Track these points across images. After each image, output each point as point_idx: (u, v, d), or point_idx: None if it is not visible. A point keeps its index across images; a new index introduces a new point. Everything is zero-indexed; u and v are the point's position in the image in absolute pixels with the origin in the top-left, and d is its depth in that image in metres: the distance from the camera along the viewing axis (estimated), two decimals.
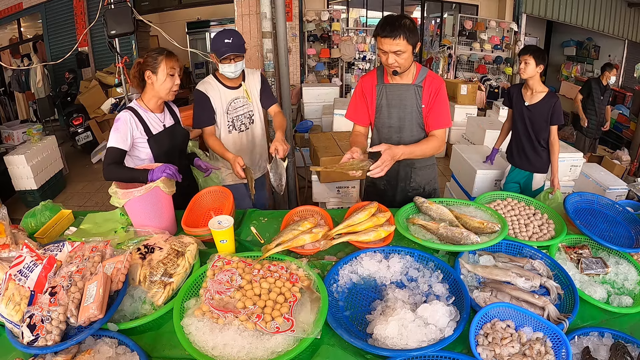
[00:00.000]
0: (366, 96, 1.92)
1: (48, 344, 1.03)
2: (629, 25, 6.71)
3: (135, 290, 1.25)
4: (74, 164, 5.52)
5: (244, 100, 2.21)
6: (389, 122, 1.91)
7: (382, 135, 1.95)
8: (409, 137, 1.91)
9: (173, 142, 1.93)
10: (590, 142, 5.15)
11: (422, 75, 1.85)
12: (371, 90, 1.90)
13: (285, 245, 1.43)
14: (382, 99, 1.89)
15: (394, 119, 1.90)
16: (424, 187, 2.05)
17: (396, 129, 1.91)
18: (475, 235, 1.46)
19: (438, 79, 1.87)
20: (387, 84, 1.87)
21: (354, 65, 7.48)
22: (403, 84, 1.85)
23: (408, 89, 1.85)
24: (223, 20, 9.70)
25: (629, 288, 1.39)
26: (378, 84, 1.89)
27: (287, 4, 5.32)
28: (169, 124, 1.93)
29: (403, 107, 1.87)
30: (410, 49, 1.69)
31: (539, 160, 2.69)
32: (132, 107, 1.81)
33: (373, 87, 1.90)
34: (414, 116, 1.88)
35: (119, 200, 1.52)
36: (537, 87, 2.60)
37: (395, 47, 1.65)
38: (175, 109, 2.03)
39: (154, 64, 1.75)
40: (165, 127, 1.89)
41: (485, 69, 7.62)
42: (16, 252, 1.31)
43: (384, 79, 1.88)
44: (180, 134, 2.00)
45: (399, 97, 1.86)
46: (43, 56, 7.17)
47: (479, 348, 1.07)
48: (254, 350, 1.05)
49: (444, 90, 1.87)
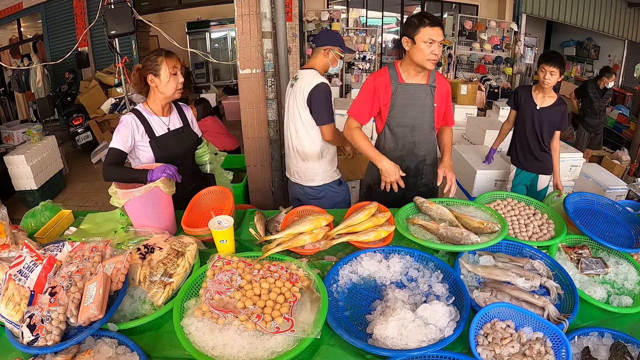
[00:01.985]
0: (378, 95, 1.92)
1: (48, 344, 1.03)
2: (629, 25, 6.71)
3: (135, 290, 1.25)
4: (74, 164, 5.52)
5: None
6: (403, 121, 1.93)
7: (397, 135, 1.96)
8: (422, 135, 1.96)
9: (178, 145, 1.91)
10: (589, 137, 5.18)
11: (432, 76, 1.92)
12: (385, 89, 1.90)
13: (285, 246, 1.44)
14: (397, 98, 1.90)
15: (409, 118, 1.92)
16: (433, 183, 2.07)
17: (410, 128, 1.94)
18: (475, 236, 1.46)
19: (445, 79, 1.97)
20: (403, 83, 1.89)
21: (354, 65, 7.48)
22: (418, 83, 1.88)
23: (423, 88, 1.89)
24: (223, 20, 9.72)
25: (629, 288, 1.39)
26: (392, 83, 1.89)
27: (287, 4, 5.31)
28: (175, 126, 1.91)
29: (418, 107, 1.91)
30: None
31: (546, 162, 2.71)
32: (137, 110, 1.82)
33: (387, 85, 1.90)
34: (427, 115, 1.93)
35: (118, 201, 1.52)
36: (550, 93, 2.65)
37: (441, 37, 1.75)
38: (187, 111, 2.00)
39: (155, 66, 1.74)
40: (169, 130, 1.88)
41: (485, 69, 7.61)
42: (16, 252, 1.31)
43: (398, 79, 1.89)
44: (189, 137, 1.97)
45: (414, 96, 1.89)
46: (43, 56, 7.16)
47: (479, 348, 1.07)
48: (254, 350, 1.05)
49: (450, 90, 2.00)
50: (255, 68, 2.79)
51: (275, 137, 2.90)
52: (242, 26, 2.71)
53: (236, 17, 2.70)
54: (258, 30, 2.68)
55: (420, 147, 1.99)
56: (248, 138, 3.01)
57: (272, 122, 2.86)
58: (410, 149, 1.99)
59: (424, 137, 1.97)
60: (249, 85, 2.85)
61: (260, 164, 3.10)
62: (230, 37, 10.07)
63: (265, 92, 2.80)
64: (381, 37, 8.22)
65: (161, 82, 1.76)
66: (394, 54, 8.70)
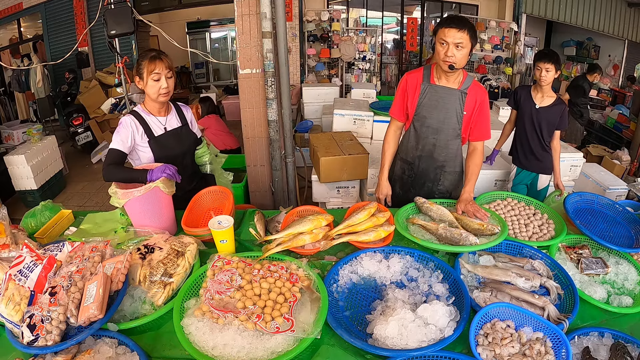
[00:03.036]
0: (408, 92, 1.93)
1: (48, 344, 1.03)
2: (629, 25, 6.71)
3: (135, 290, 1.25)
4: (74, 164, 5.51)
5: None
6: (428, 122, 1.92)
7: (420, 134, 1.96)
8: (444, 140, 1.93)
9: (177, 144, 1.91)
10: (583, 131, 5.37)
11: (467, 83, 1.86)
12: (415, 87, 1.91)
13: (285, 246, 1.44)
14: (425, 99, 1.89)
15: (434, 120, 1.91)
16: (450, 192, 2.05)
17: (433, 130, 1.93)
18: (474, 237, 1.46)
19: (482, 89, 1.89)
20: (433, 84, 1.88)
21: (354, 65, 7.48)
22: (449, 87, 1.85)
23: (453, 93, 1.85)
24: (223, 20, 9.72)
25: (629, 288, 1.39)
26: (423, 83, 1.89)
27: (287, 4, 5.32)
28: (172, 126, 1.91)
29: (445, 110, 1.88)
30: (469, 48, 1.72)
31: (546, 161, 2.72)
32: (135, 111, 1.83)
33: (418, 84, 1.90)
34: (453, 121, 1.89)
35: (118, 201, 1.52)
36: (549, 92, 2.66)
37: (458, 39, 1.68)
38: (186, 111, 2.00)
39: (140, 68, 1.76)
40: (166, 130, 1.88)
41: (485, 69, 7.61)
42: (16, 252, 1.31)
43: (430, 79, 1.88)
44: (187, 137, 1.97)
45: (443, 99, 1.87)
46: (43, 56, 7.16)
47: (479, 348, 1.07)
48: (254, 350, 1.05)
49: (487, 101, 1.90)
50: (255, 68, 2.79)
51: (275, 137, 2.89)
52: (242, 26, 2.70)
53: (236, 17, 2.69)
54: (258, 30, 2.67)
55: (440, 151, 1.96)
56: (248, 138, 3.00)
57: (272, 122, 2.85)
58: (429, 151, 1.97)
59: (446, 143, 1.93)
60: (249, 85, 2.84)
61: (260, 164, 3.09)
62: (230, 37, 10.08)
63: (265, 92, 2.80)
64: (381, 37, 8.22)
65: (146, 85, 1.77)
66: (394, 54, 8.71)
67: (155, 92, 1.77)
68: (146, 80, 1.74)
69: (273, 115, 2.85)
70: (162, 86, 1.76)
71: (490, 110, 6.43)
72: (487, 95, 1.88)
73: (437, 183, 2.03)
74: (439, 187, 2.04)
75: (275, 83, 2.79)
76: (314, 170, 3.21)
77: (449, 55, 1.71)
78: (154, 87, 1.76)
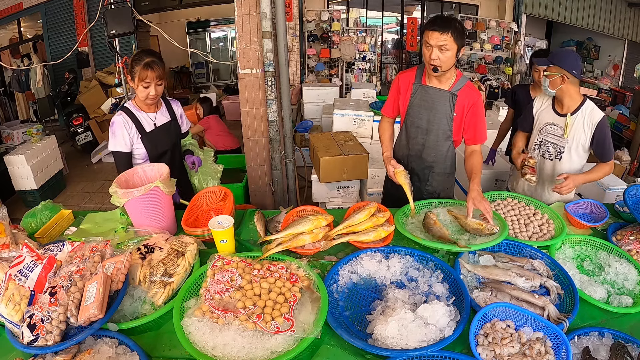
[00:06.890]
0: (401, 92, 1.94)
1: (48, 344, 1.03)
2: (629, 25, 6.71)
3: (135, 290, 1.25)
4: (74, 164, 5.51)
5: None
6: (417, 122, 1.93)
7: (410, 134, 1.97)
8: (433, 141, 1.93)
9: (166, 138, 1.97)
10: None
11: (459, 84, 1.84)
12: (407, 87, 1.92)
13: (285, 246, 1.44)
14: (416, 99, 1.90)
15: (423, 121, 1.91)
16: (439, 193, 2.05)
17: (423, 131, 1.93)
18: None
19: (475, 91, 1.86)
20: (424, 85, 1.88)
21: (354, 65, 7.48)
22: (439, 88, 1.85)
23: (443, 94, 1.85)
24: (223, 20, 9.72)
25: (629, 288, 1.39)
26: (415, 83, 1.89)
27: (287, 4, 5.31)
28: (162, 121, 1.97)
29: (434, 111, 1.88)
30: (455, 50, 1.69)
31: None
32: (126, 107, 1.88)
33: (410, 84, 1.91)
34: (442, 122, 1.88)
35: (119, 200, 1.52)
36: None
37: (441, 42, 1.66)
38: (175, 106, 2.07)
39: (132, 70, 1.80)
40: (156, 126, 1.93)
41: (485, 69, 7.61)
42: (16, 252, 1.31)
43: (422, 79, 1.89)
44: (174, 130, 2.04)
45: (432, 100, 1.87)
46: (43, 56, 7.16)
47: (479, 348, 1.07)
48: (254, 350, 1.05)
49: (481, 104, 1.87)
50: (255, 68, 2.79)
51: (275, 137, 2.89)
52: (242, 26, 2.70)
53: (236, 17, 2.69)
54: (258, 30, 2.67)
55: (429, 152, 1.96)
56: (248, 138, 3.01)
57: (272, 122, 2.86)
58: (418, 151, 1.98)
59: (435, 144, 1.93)
60: (249, 85, 2.84)
61: (260, 164, 3.10)
62: (230, 37, 10.07)
63: (265, 92, 2.80)
64: (381, 37, 8.23)
65: (136, 88, 1.83)
66: (394, 54, 8.71)
67: (143, 97, 1.85)
68: (137, 84, 1.81)
69: (273, 115, 2.85)
70: (150, 93, 1.83)
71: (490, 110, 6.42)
72: (482, 97, 1.84)
73: (425, 183, 2.03)
74: (427, 188, 2.04)
75: (275, 83, 2.79)
76: (314, 170, 3.21)
77: (433, 57, 1.70)
78: (143, 93, 1.83)
